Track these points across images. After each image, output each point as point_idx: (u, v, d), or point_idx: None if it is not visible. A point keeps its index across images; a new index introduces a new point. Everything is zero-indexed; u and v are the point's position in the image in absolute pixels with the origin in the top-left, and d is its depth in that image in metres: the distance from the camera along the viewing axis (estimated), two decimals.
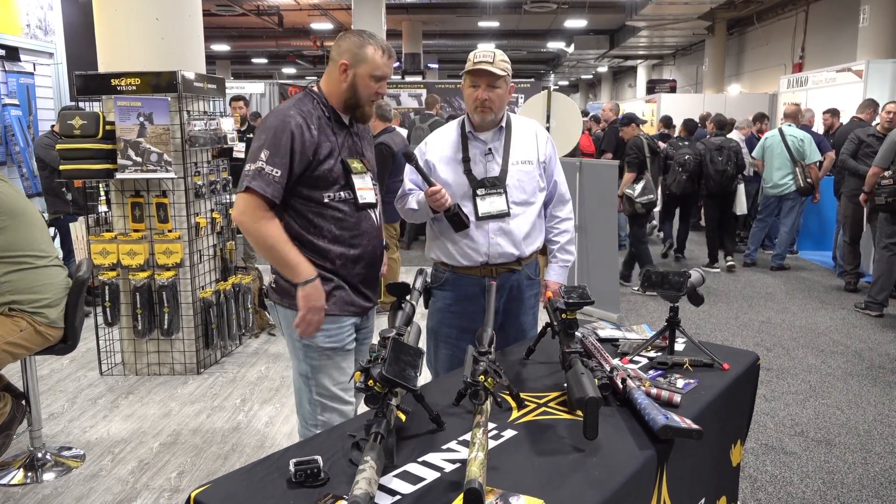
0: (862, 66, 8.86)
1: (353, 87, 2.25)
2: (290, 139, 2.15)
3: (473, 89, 2.46)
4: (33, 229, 3.00)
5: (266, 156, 2.14)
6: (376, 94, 2.28)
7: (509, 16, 18.29)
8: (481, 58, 2.43)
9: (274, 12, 17.74)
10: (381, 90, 2.28)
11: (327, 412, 2.34)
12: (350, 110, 2.30)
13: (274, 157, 2.14)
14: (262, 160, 2.14)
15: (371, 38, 2.26)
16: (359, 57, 2.23)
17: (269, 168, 2.14)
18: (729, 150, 7.16)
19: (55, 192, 5.54)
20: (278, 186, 2.15)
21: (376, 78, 2.25)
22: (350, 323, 2.35)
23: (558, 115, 6.04)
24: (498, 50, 2.49)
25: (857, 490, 3.06)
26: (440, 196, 2.39)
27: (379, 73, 2.25)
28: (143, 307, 4.23)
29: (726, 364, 2.18)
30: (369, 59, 2.23)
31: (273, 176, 2.14)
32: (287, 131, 2.16)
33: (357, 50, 2.23)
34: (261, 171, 2.14)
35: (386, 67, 2.26)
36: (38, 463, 3.16)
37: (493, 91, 2.44)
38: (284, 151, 2.15)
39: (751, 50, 17.49)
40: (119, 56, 4.16)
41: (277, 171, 2.14)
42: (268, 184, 2.13)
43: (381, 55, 2.24)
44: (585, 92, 36.12)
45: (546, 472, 1.52)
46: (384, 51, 2.25)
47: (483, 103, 2.45)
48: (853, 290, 6.55)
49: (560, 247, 2.67)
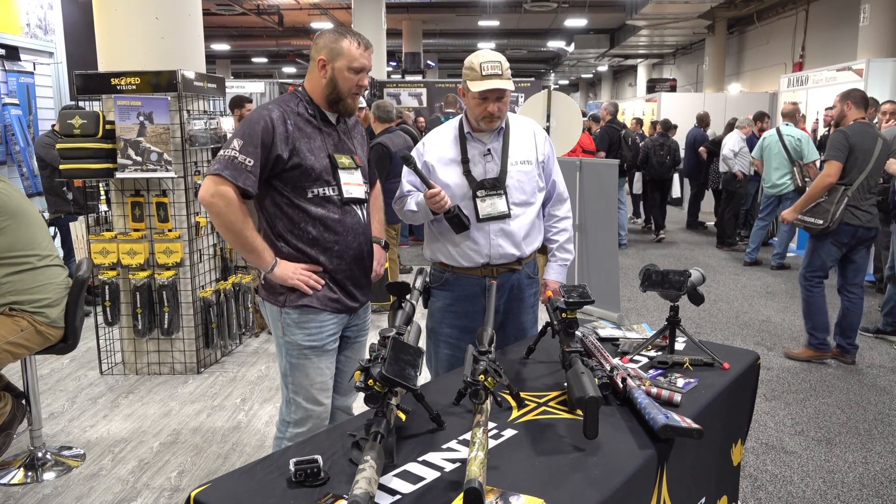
0: (862, 65, 8.84)
1: (333, 82, 2.27)
2: (262, 130, 2.18)
3: (483, 101, 2.42)
4: (34, 229, 3.00)
5: (239, 145, 2.17)
6: (357, 87, 2.29)
7: (509, 15, 18.27)
8: (490, 70, 2.38)
9: (274, 11, 17.74)
10: (362, 82, 2.29)
11: (299, 411, 2.35)
12: (333, 105, 2.32)
13: (247, 147, 2.17)
14: (235, 149, 2.17)
15: (347, 32, 2.28)
16: (335, 51, 2.25)
17: (242, 157, 2.17)
18: (668, 147, 9.11)
19: (55, 191, 5.54)
20: (251, 176, 2.17)
21: (355, 70, 2.26)
22: (332, 322, 2.35)
23: (558, 114, 6.04)
24: (500, 55, 2.45)
25: (857, 489, 3.06)
26: (440, 198, 2.38)
27: (356, 64, 2.26)
28: (143, 306, 4.24)
29: (726, 363, 2.18)
30: (345, 52, 2.24)
31: (245, 164, 2.16)
32: (261, 122, 2.19)
33: (333, 45, 2.25)
34: (233, 160, 2.16)
35: (363, 58, 2.27)
36: (39, 462, 3.16)
37: (503, 102, 2.45)
38: (257, 142, 2.17)
39: (751, 49, 17.48)
40: (119, 55, 4.16)
41: (250, 161, 2.17)
42: (239, 173, 2.16)
43: (356, 47, 2.25)
44: (585, 91, 36.10)
45: (546, 471, 1.52)
46: (359, 42, 2.27)
47: (492, 116, 2.44)
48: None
49: (559, 245, 2.67)
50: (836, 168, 4.27)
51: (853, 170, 4.26)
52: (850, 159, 4.26)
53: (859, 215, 4.28)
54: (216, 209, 2.18)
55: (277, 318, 2.32)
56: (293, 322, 2.30)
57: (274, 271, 2.25)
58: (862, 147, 4.27)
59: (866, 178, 4.28)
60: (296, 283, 2.25)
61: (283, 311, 2.30)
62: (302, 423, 2.36)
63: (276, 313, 2.32)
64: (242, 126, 2.22)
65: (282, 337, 2.33)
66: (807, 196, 4.46)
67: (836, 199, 4.26)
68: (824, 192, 4.32)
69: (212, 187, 2.16)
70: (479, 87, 2.39)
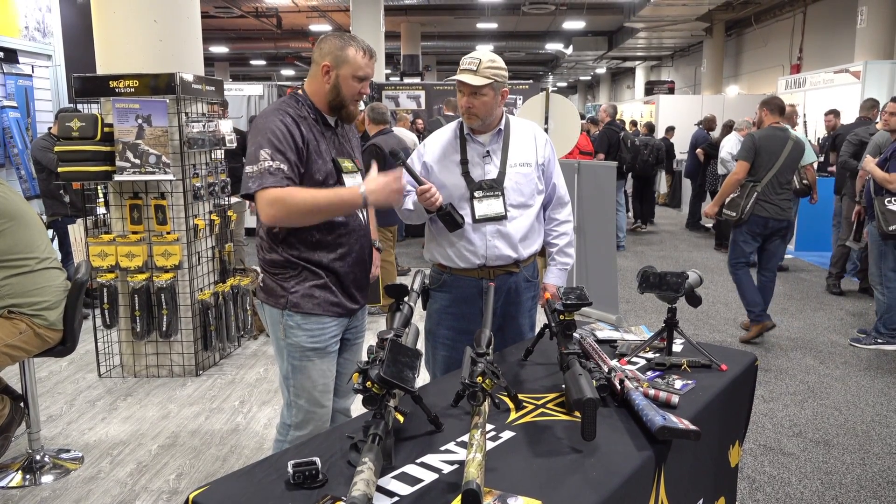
0: (860, 67, 8.87)
1: (337, 88, 2.28)
2: (284, 135, 2.17)
3: (461, 95, 2.46)
4: (32, 232, 3.00)
5: (268, 154, 2.15)
6: (359, 94, 2.31)
7: (508, 17, 18.30)
8: (465, 65, 2.42)
9: (272, 14, 17.75)
10: (364, 90, 2.31)
11: (301, 414, 2.35)
12: (335, 111, 2.33)
13: (276, 154, 2.15)
14: (267, 159, 2.13)
15: (352, 39, 2.29)
16: (340, 59, 2.26)
17: (276, 164, 2.13)
18: (652, 147, 9.71)
19: (53, 194, 5.54)
20: (291, 178, 2.15)
21: (359, 78, 2.28)
22: (334, 324, 2.35)
23: (557, 116, 6.05)
24: (488, 54, 2.45)
25: (854, 490, 3.07)
26: (430, 195, 2.37)
27: (361, 73, 2.28)
28: (141, 309, 4.23)
29: (724, 365, 2.18)
30: (351, 60, 2.25)
31: (282, 170, 2.14)
32: (281, 126, 2.18)
33: (339, 52, 2.26)
34: (269, 170, 2.13)
35: (367, 68, 2.29)
36: (37, 465, 3.16)
37: (477, 98, 2.43)
38: (284, 145, 2.16)
39: (749, 51, 17.52)
40: (117, 58, 4.17)
41: (284, 165, 2.15)
42: (279, 179, 2.12)
43: (362, 56, 2.27)
44: (584, 93, 36.14)
45: (544, 473, 1.52)
46: (365, 51, 2.28)
47: (468, 110, 2.46)
48: (839, 293, 6.56)
49: (559, 249, 2.67)
50: (743, 167, 4.89)
51: (761, 169, 4.84)
52: (757, 160, 4.85)
53: (768, 208, 4.84)
54: (282, 219, 2.16)
55: (278, 321, 2.31)
56: (295, 324, 2.29)
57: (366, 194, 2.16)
58: (768, 149, 4.85)
59: (776, 175, 4.84)
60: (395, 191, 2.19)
61: (285, 314, 2.29)
62: (303, 425, 2.35)
63: (277, 315, 2.30)
64: (260, 136, 2.17)
65: (283, 339, 2.31)
66: (721, 192, 5.06)
67: (745, 193, 4.87)
68: (734, 189, 4.93)
69: (265, 206, 2.12)
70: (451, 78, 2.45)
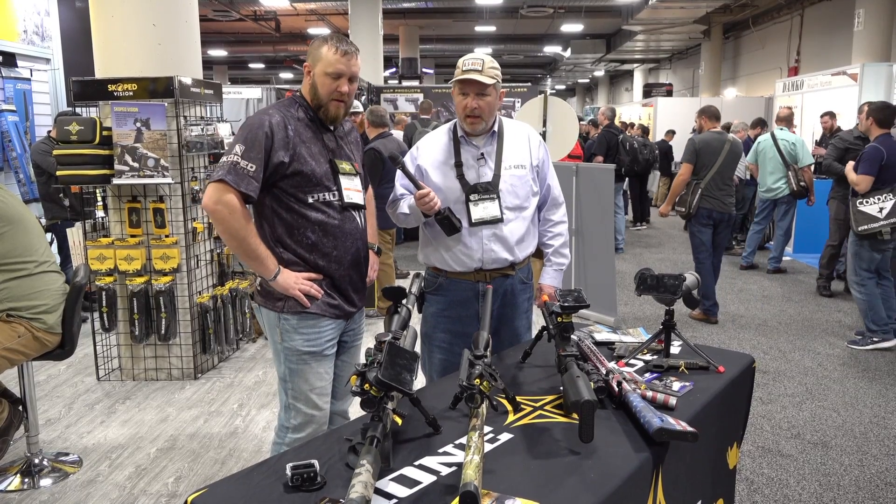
0: (857, 70, 8.89)
1: (314, 87, 2.30)
2: (265, 136, 2.19)
3: (463, 97, 2.44)
4: (31, 235, 3.00)
5: (241, 150, 2.17)
6: (338, 93, 2.28)
7: (506, 20, 18.33)
8: (470, 65, 2.41)
9: (271, 17, 17.77)
10: (341, 88, 2.28)
11: (299, 416, 2.35)
12: (317, 111, 2.33)
13: (249, 152, 2.17)
14: (237, 154, 2.17)
15: (332, 38, 2.29)
16: (315, 57, 2.28)
17: (244, 162, 2.16)
18: (650, 147, 10.22)
19: (52, 197, 5.54)
20: (252, 181, 2.17)
21: (331, 75, 2.26)
22: (330, 327, 2.35)
23: (555, 119, 6.05)
24: (487, 56, 2.46)
25: (853, 492, 3.07)
26: (429, 199, 2.37)
27: (331, 69, 2.26)
28: (140, 312, 4.23)
29: (722, 367, 2.18)
30: (323, 57, 2.26)
31: (247, 170, 2.16)
32: (263, 128, 2.20)
33: (315, 51, 2.28)
34: (235, 165, 2.16)
35: (339, 64, 2.26)
36: (35, 469, 3.16)
37: (483, 99, 2.42)
38: (259, 147, 2.18)
39: (747, 54, 17.54)
40: (116, 62, 4.17)
41: (252, 166, 2.17)
42: (241, 178, 2.15)
43: (333, 52, 2.26)
44: (582, 96, 36.18)
45: (542, 474, 1.53)
46: (338, 48, 2.26)
47: (472, 112, 2.43)
48: (828, 295, 6.57)
49: (554, 250, 2.67)
50: (686, 169, 5.58)
51: (703, 169, 5.51)
52: (699, 161, 5.52)
53: (711, 201, 5.49)
54: (220, 216, 2.18)
55: (276, 324, 2.32)
56: (292, 328, 2.30)
57: (277, 279, 2.25)
58: (707, 151, 5.52)
59: (717, 174, 5.48)
60: (296, 295, 2.25)
61: (282, 317, 2.30)
62: (301, 428, 2.36)
63: (275, 319, 2.32)
64: (243, 131, 2.22)
65: (280, 343, 2.33)
66: (671, 192, 5.72)
67: (691, 190, 5.54)
68: (682, 188, 5.60)
69: (215, 194, 2.16)
70: (456, 77, 2.43)
